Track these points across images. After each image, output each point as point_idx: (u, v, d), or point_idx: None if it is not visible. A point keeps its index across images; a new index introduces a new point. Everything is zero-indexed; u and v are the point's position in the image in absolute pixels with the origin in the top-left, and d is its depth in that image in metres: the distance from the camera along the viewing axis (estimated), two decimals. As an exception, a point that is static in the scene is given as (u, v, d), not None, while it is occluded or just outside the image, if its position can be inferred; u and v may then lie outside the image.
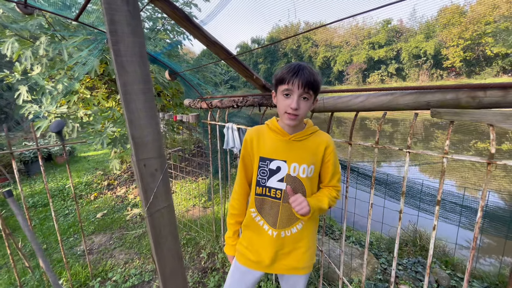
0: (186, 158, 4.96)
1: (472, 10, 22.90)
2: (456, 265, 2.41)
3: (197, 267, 2.37)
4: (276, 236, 1.03)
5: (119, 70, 0.71)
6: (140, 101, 0.75)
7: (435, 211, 1.12)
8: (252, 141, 1.05)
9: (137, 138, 0.76)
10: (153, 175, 0.82)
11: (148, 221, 0.84)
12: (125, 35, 0.70)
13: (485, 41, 22.24)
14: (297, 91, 0.88)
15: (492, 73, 22.88)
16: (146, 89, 0.76)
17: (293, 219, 1.03)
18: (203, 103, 2.34)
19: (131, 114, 0.74)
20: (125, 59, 0.71)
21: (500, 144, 7.76)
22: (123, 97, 0.73)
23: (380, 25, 29.97)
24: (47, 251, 2.69)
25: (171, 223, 0.90)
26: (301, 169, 0.99)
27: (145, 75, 0.76)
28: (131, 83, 0.73)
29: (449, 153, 1.05)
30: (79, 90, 3.39)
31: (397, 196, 1.67)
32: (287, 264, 1.06)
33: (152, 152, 0.80)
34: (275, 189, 1.01)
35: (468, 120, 0.97)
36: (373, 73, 29.56)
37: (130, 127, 0.75)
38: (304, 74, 0.87)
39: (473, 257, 1.06)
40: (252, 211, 1.07)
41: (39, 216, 3.47)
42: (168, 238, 0.90)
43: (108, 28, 0.68)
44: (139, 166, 0.78)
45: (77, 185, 4.59)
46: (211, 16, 1.78)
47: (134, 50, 0.72)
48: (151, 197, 0.82)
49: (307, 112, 0.95)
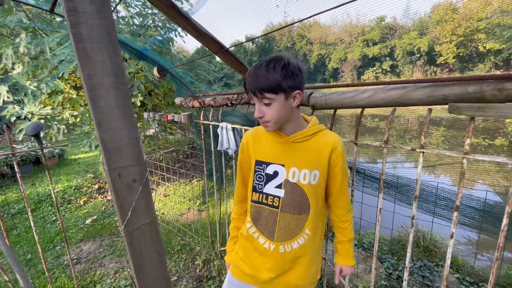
0: (179, 160, 4.80)
1: (464, 7, 23.06)
2: (462, 266, 2.32)
3: (191, 275, 2.24)
4: (274, 249, 0.90)
5: (81, 60, 0.57)
6: (111, 98, 0.62)
7: (452, 217, 1.01)
8: (248, 144, 0.96)
9: (108, 143, 0.63)
10: (131, 187, 0.68)
11: (126, 240, 0.70)
12: (88, 15, 0.56)
13: (477, 37, 22.44)
14: (255, 98, 0.80)
15: (484, 69, 23.09)
16: (118, 83, 0.63)
17: (294, 232, 0.90)
18: (195, 102, 2.21)
19: (100, 113, 0.61)
20: (89, 46, 0.57)
21: (493, 140, 7.78)
22: (88, 94, 0.59)
23: (374, 22, 30.02)
24: (31, 261, 2.52)
25: (155, 241, 0.76)
26: (301, 175, 0.87)
27: (116, 66, 0.62)
28: (98, 76, 0.60)
29: (469, 153, 0.94)
30: (65, 90, 3.21)
31: (403, 198, 1.56)
32: (288, 281, 0.94)
33: (128, 159, 0.67)
34: (272, 196, 0.90)
35: (493, 115, 0.86)
36: (368, 70, 29.62)
37: (98, 129, 0.61)
38: (253, 78, 0.76)
39: (497, 268, 0.95)
40: (247, 221, 0.98)
41: (25, 224, 3.29)
42: (152, 258, 0.77)
43: (66, 6, 0.54)
44: (112, 176, 0.65)
45: (66, 189, 4.40)
46: (200, 4, 1.64)
47: (100, 34, 0.58)
48: (129, 213, 0.69)
49: (283, 114, 0.81)
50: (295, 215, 0.89)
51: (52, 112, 3.15)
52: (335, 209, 0.97)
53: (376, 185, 1.44)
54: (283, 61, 0.76)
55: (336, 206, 0.96)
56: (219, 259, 2.34)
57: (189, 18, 1.29)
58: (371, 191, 1.70)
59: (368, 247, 2.58)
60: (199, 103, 2.13)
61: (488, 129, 8.35)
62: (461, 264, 2.37)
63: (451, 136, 6.88)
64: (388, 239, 2.82)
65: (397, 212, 1.61)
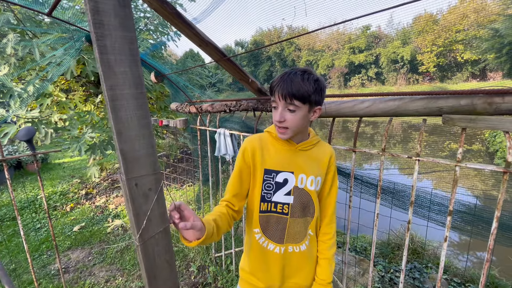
0: (171, 164, 4.74)
1: (444, 19, 24.29)
2: (448, 267, 2.43)
3: (186, 282, 2.21)
4: (284, 251, 0.93)
5: (105, 71, 0.58)
6: (131, 108, 0.63)
7: (446, 221, 1.07)
8: (254, 152, 0.92)
9: (127, 153, 0.63)
10: (146, 196, 0.69)
11: (141, 250, 0.70)
12: (113, 27, 0.57)
13: (456, 48, 23.67)
14: (279, 102, 0.81)
15: (462, 78, 24.36)
16: (138, 94, 0.64)
17: (302, 235, 0.93)
18: (191, 107, 2.21)
19: (120, 124, 0.61)
20: (113, 58, 0.58)
21: (471, 145, 8.18)
22: (110, 104, 0.60)
23: (360, 30, 31.02)
24: (15, 271, 2.41)
25: (167, 250, 0.77)
26: (308, 181, 0.91)
27: (137, 77, 0.63)
28: (120, 87, 0.60)
29: (449, 157, 1.01)
30: (53, 93, 3.11)
31: (397, 203, 1.62)
32: (296, 282, 0.97)
33: (145, 168, 0.67)
34: (281, 204, 0.91)
35: (483, 127, 0.93)
36: (354, 77, 30.48)
37: (118, 139, 0.62)
38: (287, 83, 0.78)
39: (488, 269, 1.01)
40: (256, 232, 0.95)
41: (7, 232, 3.14)
42: (164, 267, 0.77)
43: (92, 19, 0.55)
44: (130, 186, 0.65)
45: (51, 195, 4.23)
46: (202, 17, 1.66)
47: (123, 46, 0.60)
48: (144, 222, 0.69)
49: (301, 125, 0.84)
50: (302, 218, 0.93)
51: (40, 115, 3.05)
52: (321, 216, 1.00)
53: (373, 191, 1.49)
54: (316, 76, 0.82)
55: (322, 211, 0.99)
56: (214, 265, 2.33)
57: (193, 26, 1.31)
58: (364, 196, 1.76)
59: (360, 251, 2.64)
60: (196, 108, 2.13)
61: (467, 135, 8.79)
62: (447, 265, 2.47)
63: (432, 141, 7.19)
64: (378, 242, 2.91)
65: (385, 215, 1.67)
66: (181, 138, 4.61)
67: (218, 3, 1.34)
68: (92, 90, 3.77)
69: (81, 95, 3.65)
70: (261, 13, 1.78)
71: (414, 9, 27.21)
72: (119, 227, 3.19)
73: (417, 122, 9.14)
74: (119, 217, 3.47)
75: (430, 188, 1.46)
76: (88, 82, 3.67)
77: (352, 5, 1.86)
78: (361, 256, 2.47)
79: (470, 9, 19.61)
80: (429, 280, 2.03)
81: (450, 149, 7.77)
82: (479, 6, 17.94)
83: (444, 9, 24.72)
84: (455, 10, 21.90)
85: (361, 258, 2.38)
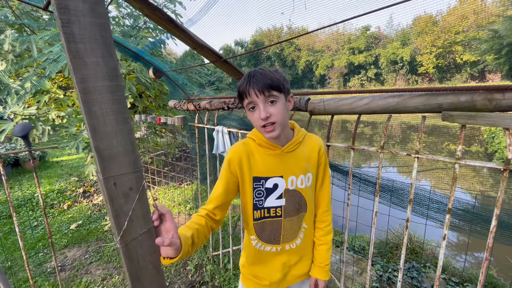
0: (169, 163, 4.72)
1: (443, 20, 24.36)
2: (446, 267, 2.42)
3: (183, 281, 2.20)
4: (281, 250, 0.96)
5: (73, 62, 0.53)
6: (106, 103, 0.58)
7: (445, 220, 1.06)
8: (240, 162, 0.89)
9: (103, 150, 0.59)
10: (127, 195, 0.64)
11: (123, 252, 0.66)
12: (81, 13, 0.52)
13: (455, 49, 23.71)
14: (258, 99, 0.79)
15: (461, 79, 24.40)
16: (114, 87, 0.59)
17: (297, 230, 0.96)
18: (190, 105, 2.19)
19: (95, 119, 0.57)
20: (82, 47, 0.54)
21: (469, 146, 8.19)
22: (81, 98, 0.55)
23: (360, 31, 31.04)
24: (11, 269, 2.39)
25: (152, 251, 0.72)
26: (299, 181, 0.92)
27: (111, 68, 0.58)
28: (92, 79, 0.56)
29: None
30: (51, 90, 3.09)
31: (394, 200, 1.61)
32: (296, 274, 1.01)
33: (124, 166, 0.63)
34: (274, 207, 0.92)
35: (483, 124, 0.92)
36: (354, 77, 30.50)
37: (93, 136, 0.57)
38: (256, 79, 0.79)
39: (486, 268, 1.01)
40: (252, 239, 0.96)
41: (3, 230, 3.11)
42: (148, 269, 0.72)
43: (56, 3, 0.50)
44: (108, 185, 0.60)
45: (49, 193, 4.21)
46: (199, 17, 1.64)
47: (94, 34, 0.55)
48: (125, 223, 0.66)
49: (284, 116, 0.83)
50: (296, 216, 0.94)
51: (37, 113, 3.02)
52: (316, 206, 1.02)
53: (371, 189, 1.48)
54: (276, 68, 0.86)
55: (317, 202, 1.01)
56: (211, 263, 2.31)
57: (186, 30, 1.30)
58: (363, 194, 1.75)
59: (358, 250, 2.63)
60: (194, 106, 2.12)
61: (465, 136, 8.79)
62: (445, 265, 2.47)
63: (430, 142, 7.20)
64: (376, 241, 2.90)
65: (384, 213, 1.67)
66: (179, 137, 4.59)
67: (213, 2, 1.32)
68: (90, 87, 3.74)
69: (79, 93, 3.63)
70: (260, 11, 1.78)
71: (413, 10, 27.26)
72: (117, 225, 3.17)
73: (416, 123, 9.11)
74: (116, 215, 3.45)
75: (429, 187, 1.45)
76: (86, 80, 3.64)
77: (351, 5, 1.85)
78: (359, 255, 2.46)
79: (470, 11, 19.65)
80: (427, 280, 2.03)
81: (448, 150, 7.78)
82: (478, 8, 17.98)
83: (444, 10, 24.81)
84: (454, 12, 21.95)
85: (359, 257, 2.37)
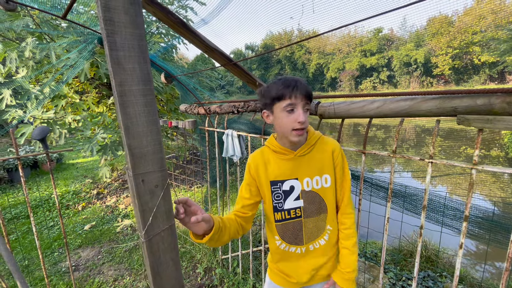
0: (180, 166, 4.78)
1: (459, 20, 23.68)
2: (465, 277, 2.32)
3: (193, 284, 2.21)
4: (305, 251, 1.00)
5: (114, 67, 0.59)
6: (139, 105, 0.63)
7: (462, 228, 1.02)
8: (257, 167, 0.98)
9: (134, 148, 0.64)
10: (153, 192, 0.69)
11: (146, 246, 0.70)
12: (123, 25, 0.58)
13: (472, 50, 22.96)
14: (300, 103, 0.85)
15: (479, 81, 23.56)
16: (146, 91, 0.64)
17: (320, 230, 1.00)
18: (200, 109, 2.22)
19: (128, 119, 0.62)
20: (122, 54, 0.59)
21: (489, 151, 7.86)
22: (118, 100, 0.60)
23: (372, 33, 30.63)
24: (28, 268, 2.47)
25: (172, 248, 0.76)
26: (314, 182, 0.96)
27: (145, 74, 0.64)
28: (129, 83, 0.61)
29: (473, 163, 0.96)
30: (68, 95, 3.21)
31: (409, 207, 1.56)
32: (322, 274, 1.04)
33: (152, 165, 0.68)
34: (293, 209, 0.98)
35: (502, 128, 0.88)
36: (366, 80, 30.05)
37: (126, 135, 0.62)
38: (301, 85, 0.85)
39: (507, 279, 0.96)
40: (276, 239, 1.02)
41: (21, 229, 3.23)
42: (169, 265, 0.76)
43: (102, 16, 0.56)
44: (136, 182, 0.65)
45: (64, 194, 4.35)
46: (211, 17, 1.67)
47: (133, 43, 0.60)
48: (150, 218, 0.69)
49: None
50: (316, 217, 0.98)
51: (55, 116, 3.14)
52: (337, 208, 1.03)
53: (383, 194, 1.45)
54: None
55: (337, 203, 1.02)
56: (220, 267, 2.31)
57: (198, 34, 1.32)
58: (375, 200, 1.71)
59: (370, 257, 2.57)
60: (205, 110, 2.14)
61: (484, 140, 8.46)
62: (463, 275, 2.36)
63: (447, 146, 6.96)
64: (390, 248, 2.81)
65: (397, 220, 1.62)
66: (190, 140, 4.65)
67: (225, 4, 1.34)
68: (104, 92, 3.87)
69: (94, 97, 3.75)
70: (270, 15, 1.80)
71: (428, 11, 26.70)
72: (128, 227, 3.23)
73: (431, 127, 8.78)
74: (128, 217, 3.52)
75: (442, 192, 1.40)
76: (101, 84, 3.77)
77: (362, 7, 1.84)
78: (371, 262, 2.40)
79: (488, 10, 19.03)
80: (444, 290, 1.95)
81: (466, 155, 7.49)
82: (497, 7, 17.38)
83: (460, 10, 24.12)
84: (471, 12, 21.31)
85: (371, 264, 2.31)
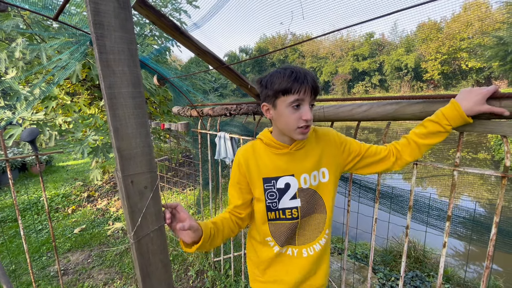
0: (173, 168, 4.76)
1: (447, 27, 24.37)
2: (451, 277, 2.38)
3: (184, 286, 2.20)
4: (297, 254, 0.90)
5: (103, 70, 0.60)
6: (128, 107, 0.65)
7: (444, 227, 1.06)
8: (248, 162, 0.88)
9: (123, 150, 0.65)
10: (142, 193, 0.70)
11: (135, 247, 0.71)
12: (112, 28, 0.59)
13: (460, 55, 23.64)
14: (308, 99, 0.75)
15: (467, 86, 24.17)
16: (136, 93, 0.66)
17: (315, 233, 0.90)
18: (193, 111, 2.23)
19: (118, 121, 0.63)
20: (112, 57, 0.60)
21: (476, 153, 8.08)
22: (108, 102, 0.61)
23: (364, 38, 31.20)
24: (15, 272, 2.42)
25: (162, 249, 0.77)
26: (312, 178, 0.86)
27: (135, 76, 0.65)
28: (118, 86, 0.62)
29: (459, 165, 1.00)
30: (58, 96, 3.17)
31: (396, 208, 1.61)
32: (313, 284, 0.94)
33: (141, 166, 0.69)
34: (289, 209, 0.86)
35: (480, 131, 0.93)
36: (358, 84, 30.52)
37: (115, 137, 0.63)
38: (311, 79, 0.75)
39: (487, 276, 1.00)
40: (268, 240, 0.91)
41: (8, 233, 3.16)
42: (158, 267, 0.77)
43: (92, 19, 0.57)
44: (125, 183, 0.66)
45: (54, 197, 4.26)
46: (203, 22, 1.69)
47: (122, 47, 0.62)
48: (139, 219, 0.70)
49: None
50: (312, 216, 0.90)
51: (45, 118, 3.10)
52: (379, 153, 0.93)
53: (371, 195, 1.48)
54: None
55: (376, 151, 0.92)
56: (212, 270, 2.31)
57: (190, 37, 1.34)
58: (365, 201, 1.75)
59: (361, 258, 2.60)
60: (197, 112, 2.15)
61: (472, 143, 8.70)
62: (450, 275, 2.42)
63: (437, 149, 7.13)
64: (380, 250, 2.86)
65: (386, 221, 1.66)
66: (183, 142, 4.63)
67: (218, 8, 1.36)
68: (96, 93, 3.83)
69: (86, 99, 3.71)
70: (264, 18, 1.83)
71: (417, 16, 27.36)
72: (119, 230, 3.19)
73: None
74: (119, 220, 3.48)
75: (432, 194, 1.45)
76: (93, 86, 3.74)
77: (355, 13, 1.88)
78: (361, 263, 2.43)
79: (474, 17, 19.64)
80: (431, 289, 1.99)
81: (454, 157, 7.65)
82: (483, 14, 17.97)
83: (448, 17, 24.85)
84: (459, 18, 21.96)
85: (361, 265, 2.34)
